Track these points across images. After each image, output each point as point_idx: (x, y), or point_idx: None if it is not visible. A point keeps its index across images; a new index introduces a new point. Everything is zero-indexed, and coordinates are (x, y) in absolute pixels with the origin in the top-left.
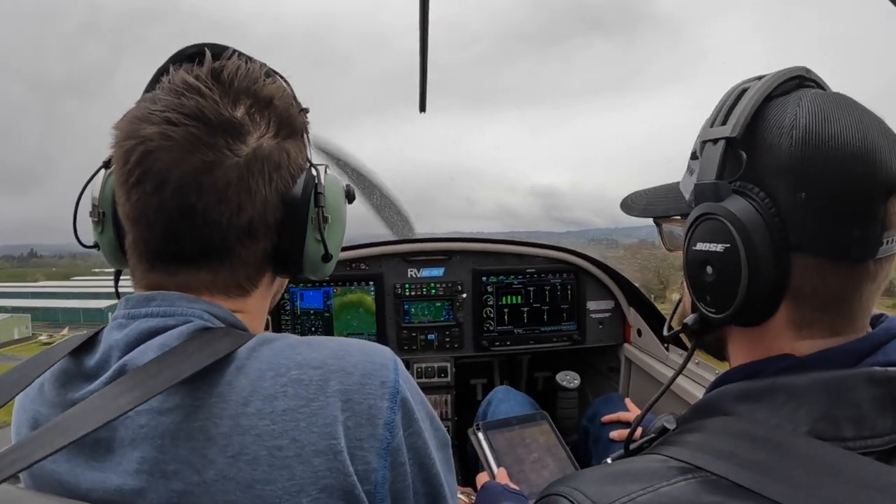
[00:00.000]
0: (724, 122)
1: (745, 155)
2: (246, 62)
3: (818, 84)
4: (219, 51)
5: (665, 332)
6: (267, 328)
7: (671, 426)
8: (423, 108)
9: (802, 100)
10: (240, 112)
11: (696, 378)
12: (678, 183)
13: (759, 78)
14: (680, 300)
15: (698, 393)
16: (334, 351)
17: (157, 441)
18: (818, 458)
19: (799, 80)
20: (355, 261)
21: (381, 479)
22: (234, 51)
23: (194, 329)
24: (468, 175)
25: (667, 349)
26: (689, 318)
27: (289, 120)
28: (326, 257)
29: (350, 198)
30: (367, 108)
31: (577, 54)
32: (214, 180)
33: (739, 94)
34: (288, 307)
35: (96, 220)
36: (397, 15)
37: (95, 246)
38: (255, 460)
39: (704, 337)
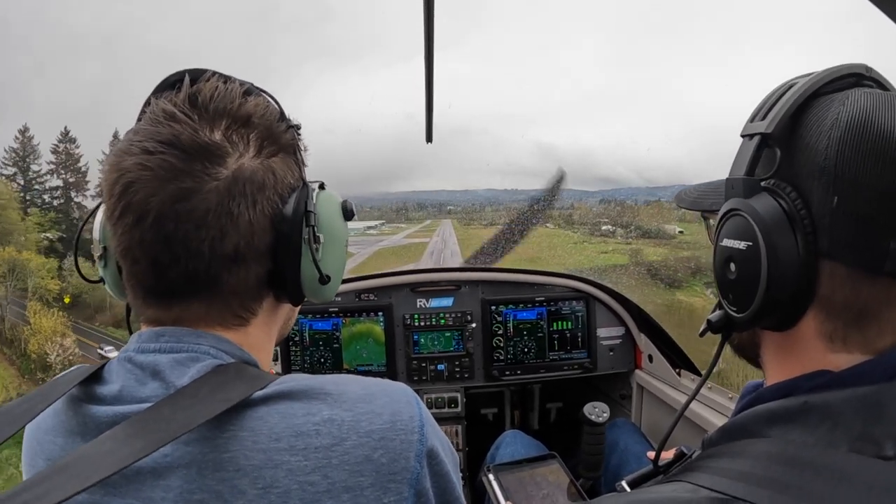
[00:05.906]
0: (763, 118)
1: (779, 152)
2: (224, 82)
3: (880, 84)
4: (197, 75)
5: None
6: (276, 360)
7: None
8: (429, 138)
9: (849, 98)
10: (217, 135)
11: (710, 403)
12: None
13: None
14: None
15: (711, 417)
16: (360, 395)
17: (183, 471)
18: (863, 478)
19: (856, 79)
20: (364, 291)
21: None
22: (213, 73)
23: (208, 367)
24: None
25: (678, 374)
26: (714, 315)
27: (272, 137)
28: (323, 280)
29: (348, 215)
30: None
31: None
32: (192, 208)
33: (785, 89)
34: (297, 338)
35: (99, 255)
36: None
37: (101, 281)
38: (286, 493)
39: (735, 337)
